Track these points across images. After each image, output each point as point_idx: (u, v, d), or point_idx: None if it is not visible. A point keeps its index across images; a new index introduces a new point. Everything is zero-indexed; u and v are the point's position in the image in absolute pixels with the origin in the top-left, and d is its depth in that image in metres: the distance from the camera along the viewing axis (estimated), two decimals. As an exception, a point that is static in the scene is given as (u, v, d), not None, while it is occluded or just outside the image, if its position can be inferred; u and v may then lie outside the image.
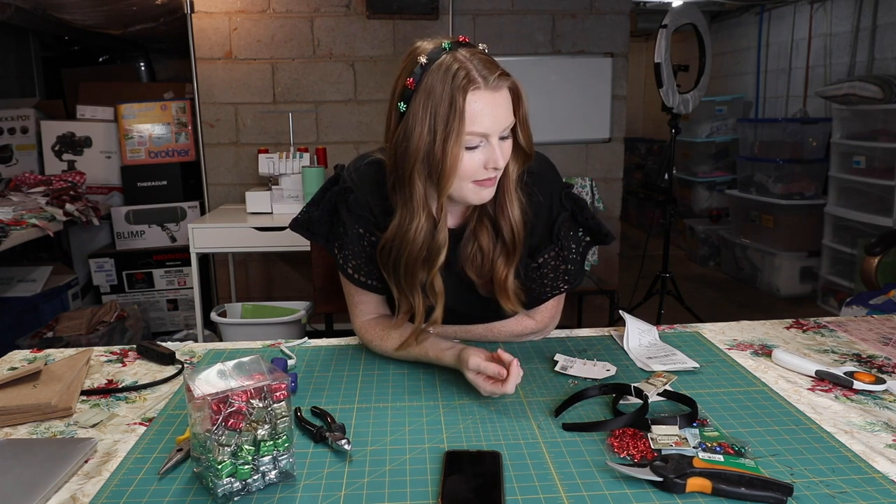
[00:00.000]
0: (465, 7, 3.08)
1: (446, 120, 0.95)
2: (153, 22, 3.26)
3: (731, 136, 4.88)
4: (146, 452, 0.85)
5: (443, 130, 0.95)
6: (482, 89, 0.96)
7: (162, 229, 3.27)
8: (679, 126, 3.28)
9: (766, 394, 0.99)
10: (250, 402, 0.74)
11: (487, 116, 0.96)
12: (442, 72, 0.95)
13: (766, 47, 4.88)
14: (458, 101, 0.94)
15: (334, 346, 1.21)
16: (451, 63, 0.96)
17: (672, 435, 0.84)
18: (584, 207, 1.15)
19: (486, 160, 0.99)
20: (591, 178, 3.22)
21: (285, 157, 2.75)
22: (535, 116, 1.07)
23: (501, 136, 1.00)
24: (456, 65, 0.95)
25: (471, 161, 0.98)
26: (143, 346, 1.19)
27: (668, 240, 3.37)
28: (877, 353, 1.15)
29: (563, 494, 0.75)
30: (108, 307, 2.87)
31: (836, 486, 0.75)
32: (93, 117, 3.29)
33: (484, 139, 0.98)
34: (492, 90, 0.96)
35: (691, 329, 1.27)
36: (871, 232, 3.39)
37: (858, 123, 3.65)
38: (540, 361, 1.12)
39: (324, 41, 3.08)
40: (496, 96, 0.97)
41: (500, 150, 0.99)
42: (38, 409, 0.94)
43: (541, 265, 1.14)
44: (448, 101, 0.95)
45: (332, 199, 1.13)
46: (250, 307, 2.71)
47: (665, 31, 3.08)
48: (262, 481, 0.76)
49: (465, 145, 0.97)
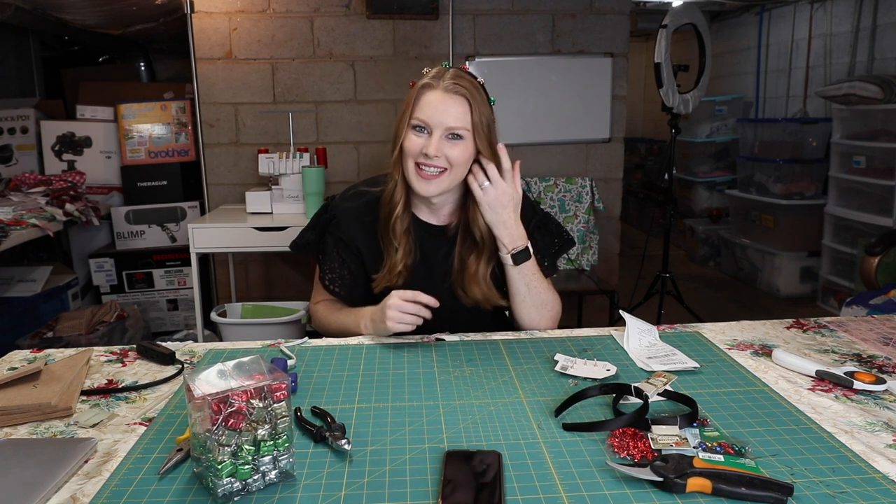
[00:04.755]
0: (465, 7, 3.08)
1: (407, 103, 1.24)
2: (153, 22, 3.26)
3: (731, 136, 4.88)
4: (146, 452, 0.85)
5: (405, 109, 1.24)
6: (435, 89, 1.21)
7: (162, 229, 3.27)
8: (679, 126, 3.28)
9: (767, 394, 0.99)
10: (250, 402, 0.74)
11: (431, 109, 1.21)
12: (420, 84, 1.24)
13: (766, 47, 4.88)
14: (416, 91, 1.23)
15: (334, 346, 1.21)
16: (432, 70, 1.25)
17: (672, 435, 0.84)
18: (550, 217, 1.43)
19: (424, 146, 1.21)
20: (591, 178, 3.23)
21: (285, 157, 2.75)
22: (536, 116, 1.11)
23: (451, 135, 1.21)
24: (433, 71, 1.24)
25: (414, 142, 1.22)
26: (143, 346, 1.19)
27: (668, 240, 3.37)
28: (877, 353, 1.15)
29: (563, 494, 0.75)
30: (108, 307, 2.87)
31: (836, 486, 0.75)
32: (93, 117, 3.29)
33: (427, 128, 1.21)
34: (443, 91, 1.21)
35: (691, 329, 1.28)
36: (871, 232, 3.39)
37: (858, 123, 3.65)
38: (540, 361, 1.12)
39: (324, 41, 3.08)
40: (445, 98, 1.21)
41: (441, 145, 1.21)
42: (38, 409, 0.94)
43: None
44: (413, 91, 1.24)
45: (322, 225, 1.38)
46: (250, 307, 2.71)
47: (665, 31, 3.08)
48: (262, 481, 0.76)
49: (412, 125, 1.22)
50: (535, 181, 3.16)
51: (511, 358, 1.14)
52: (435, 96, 1.20)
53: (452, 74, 1.22)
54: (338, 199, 1.38)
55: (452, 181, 1.24)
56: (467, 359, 1.14)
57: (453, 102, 1.20)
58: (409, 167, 1.24)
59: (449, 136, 1.21)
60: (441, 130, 1.20)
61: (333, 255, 1.36)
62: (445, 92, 1.20)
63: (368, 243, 1.34)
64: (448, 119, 1.20)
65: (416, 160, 1.23)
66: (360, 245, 1.34)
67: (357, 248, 1.35)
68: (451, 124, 1.20)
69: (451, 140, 1.21)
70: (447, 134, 1.21)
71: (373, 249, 1.33)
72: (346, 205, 1.36)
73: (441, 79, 1.21)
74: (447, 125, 1.20)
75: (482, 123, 1.22)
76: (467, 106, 1.21)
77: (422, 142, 1.21)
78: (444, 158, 1.21)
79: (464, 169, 1.24)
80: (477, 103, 1.21)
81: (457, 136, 1.21)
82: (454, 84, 1.20)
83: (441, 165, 1.22)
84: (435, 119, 1.20)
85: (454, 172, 1.23)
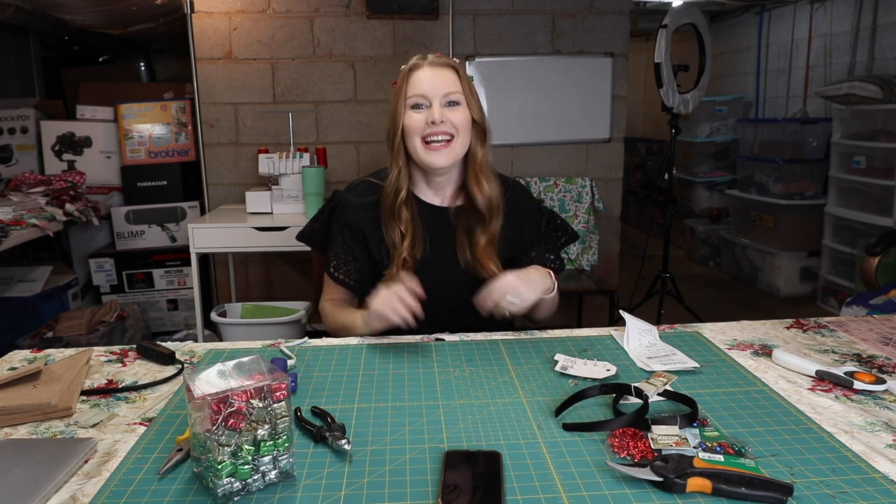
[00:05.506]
0: (465, 7, 3.08)
1: (399, 90, 1.30)
2: (153, 22, 3.26)
3: (731, 136, 4.88)
4: (146, 452, 0.85)
5: (396, 98, 1.31)
6: (423, 67, 1.30)
7: (162, 229, 3.27)
8: (679, 126, 3.28)
9: (767, 394, 0.99)
10: (250, 402, 0.74)
11: (426, 82, 1.28)
12: (406, 68, 1.32)
13: (766, 47, 4.88)
14: (406, 75, 1.30)
15: (334, 346, 1.21)
16: (412, 60, 1.32)
17: (672, 435, 0.84)
18: (554, 214, 1.50)
19: (428, 117, 1.27)
20: (591, 178, 3.23)
21: (285, 157, 2.75)
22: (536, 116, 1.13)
23: (449, 102, 1.28)
24: (415, 59, 1.32)
25: (415, 118, 1.28)
26: (143, 346, 1.19)
27: (668, 240, 3.37)
28: (877, 353, 1.15)
29: (563, 494, 0.75)
30: (108, 307, 2.87)
31: (836, 486, 0.75)
32: (93, 117, 3.29)
33: (426, 101, 1.28)
34: (430, 66, 1.30)
35: (691, 329, 1.28)
36: (871, 232, 3.39)
37: (858, 123, 3.65)
38: (540, 361, 1.12)
39: (324, 41, 3.08)
40: (434, 70, 1.29)
41: (444, 112, 1.27)
42: (38, 409, 0.94)
43: (533, 259, 1.41)
44: (402, 79, 1.30)
45: (328, 214, 1.42)
46: (250, 307, 2.71)
47: (665, 31, 3.08)
48: (262, 481, 0.76)
49: (411, 105, 1.28)
50: (535, 181, 3.16)
51: (511, 358, 1.14)
52: (425, 72, 1.29)
53: (434, 55, 1.32)
54: (343, 189, 1.43)
55: (461, 148, 1.31)
56: (467, 359, 1.14)
57: (443, 72, 1.29)
58: (417, 145, 1.29)
59: (447, 104, 1.28)
60: (439, 98, 1.27)
61: (338, 242, 1.38)
62: (433, 66, 1.29)
63: (373, 230, 1.36)
64: (445, 86, 1.28)
65: (422, 135, 1.28)
66: (365, 231, 1.36)
67: (362, 232, 1.37)
68: (448, 90, 1.28)
69: (451, 107, 1.28)
70: (445, 101, 1.28)
71: (377, 236, 1.35)
72: (352, 193, 1.40)
73: (425, 58, 1.31)
74: (445, 91, 1.28)
75: (472, 90, 1.32)
76: (456, 74, 1.31)
77: (423, 115, 1.27)
78: (449, 124, 1.27)
79: (467, 135, 1.31)
80: (462, 72, 1.33)
81: (454, 102, 1.29)
82: (438, 59, 1.31)
83: (448, 131, 1.28)
84: (431, 90, 1.27)
85: (461, 138, 1.30)
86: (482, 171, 1.33)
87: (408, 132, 1.29)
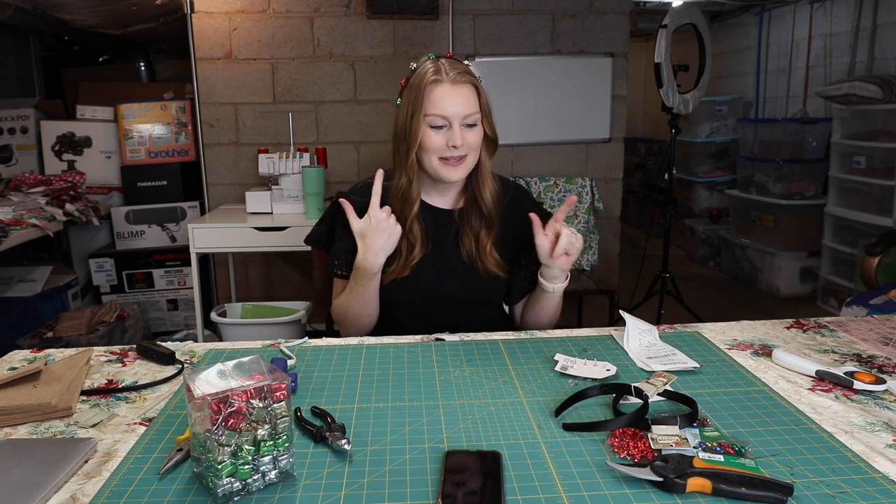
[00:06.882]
0: (465, 7, 3.08)
1: (415, 103, 1.26)
2: (153, 22, 3.26)
3: (731, 136, 4.88)
4: (146, 452, 0.85)
5: (411, 110, 1.26)
6: (443, 82, 1.25)
7: (162, 229, 3.27)
8: (679, 126, 3.28)
9: (767, 394, 0.99)
10: (250, 402, 0.74)
11: (447, 104, 1.25)
12: (420, 72, 1.27)
13: (766, 47, 4.88)
14: (424, 89, 1.25)
15: (334, 346, 1.21)
16: (427, 65, 1.28)
17: (672, 435, 0.84)
18: None
19: (448, 139, 1.26)
20: (591, 178, 3.23)
21: (285, 157, 2.75)
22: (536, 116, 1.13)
23: (467, 124, 1.27)
24: (430, 66, 1.27)
25: (436, 139, 1.26)
26: (143, 346, 1.19)
27: (668, 240, 3.37)
28: (877, 353, 1.15)
29: (563, 494, 0.75)
30: (108, 307, 2.87)
31: (836, 486, 0.75)
32: (93, 117, 3.29)
33: (447, 122, 1.25)
34: (451, 83, 1.25)
35: (691, 329, 1.28)
36: (871, 232, 3.39)
37: (858, 123, 3.65)
38: (540, 361, 1.12)
39: (324, 41, 3.08)
40: (455, 88, 1.25)
41: (462, 134, 1.26)
42: (38, 409, 0.94)
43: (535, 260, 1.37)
44: (417, 89, 1.26)
45: (332, 215, 1.43)
46: (250, 307, 2.71)
47: (665, 31, 3.08)
48: (262, 481, 0.76)
49: (430, 124, 1.26)
50: (535, 181, 3.16)
51: (511, 358, 1.14)
52: (446, 90, 1.25)
53: (451, 65, 1.27)
54: (346, 191, 1.44)
55: (474, 161, 1.33)
56: (467, 359, 1.14)
57: (464, 92, 1.26)
58: (434, 162, 1.29)
59: (466, 125, 1.28)
60: (459, 121, 1.26)
61: (342, 241, 1.39)
62: (454, 84, 1.26)
63: None
64: (466, 107, 1.26)
65: (440, 155, 1.28)
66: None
67: None
68: (468, 111, 1.26)
69: (469, 128, 1.28)
70: (465, 123, 1.27)
71: None
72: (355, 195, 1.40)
73: (444, 73, 1.26)
74: (465, 113, 1.26)
75: (487, 105, 1.31)
76: (475, 92, 1.29)
77: (443, 137, 1.26)
78: (466, 146, 1.28)
79: (480, 149, 1.33)
80: (480, 87, 1.30)
81: (472, 124, 1.29)
82: (459, 74, 1.26)
83: (465, 152, 1.28)
84: (452, 112, 1.25)
85: (473, 155, 1.31)
86: (484, 178, 1.36)
87: (425, 150, 1.28)
